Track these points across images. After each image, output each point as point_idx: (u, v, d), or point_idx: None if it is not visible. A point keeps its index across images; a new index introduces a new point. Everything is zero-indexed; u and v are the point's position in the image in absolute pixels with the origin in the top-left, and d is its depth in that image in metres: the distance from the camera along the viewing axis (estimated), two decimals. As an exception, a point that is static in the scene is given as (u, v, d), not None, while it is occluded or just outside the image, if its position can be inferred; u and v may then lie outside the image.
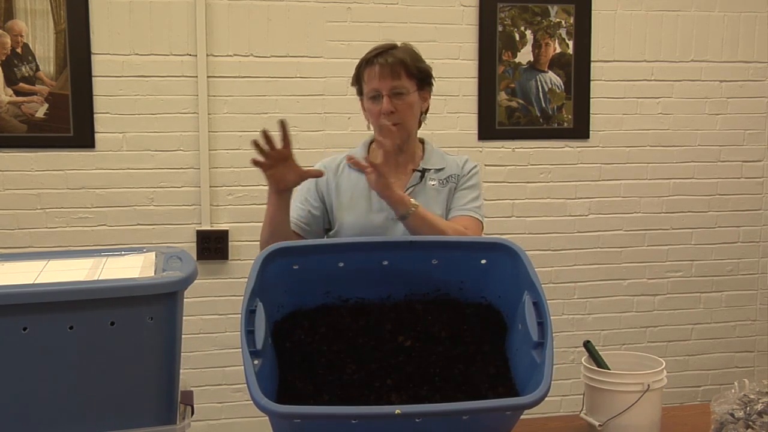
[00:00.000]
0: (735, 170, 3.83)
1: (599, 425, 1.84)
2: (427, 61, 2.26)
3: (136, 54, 3.28)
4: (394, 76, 2.14)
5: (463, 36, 3.53)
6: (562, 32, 3.60)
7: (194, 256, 3.30)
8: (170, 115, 3.33)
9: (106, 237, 3.32)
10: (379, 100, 2.15)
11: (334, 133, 3.44)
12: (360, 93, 2.24)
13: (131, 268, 1.43)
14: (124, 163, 3.33)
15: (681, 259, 3.83)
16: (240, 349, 1.40)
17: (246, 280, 1.52)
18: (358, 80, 2.22)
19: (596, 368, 1.89)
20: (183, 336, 1.40)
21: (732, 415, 1.70)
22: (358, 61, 2.23)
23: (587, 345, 1.95)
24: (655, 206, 3.77)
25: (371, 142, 2.31)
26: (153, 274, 1.37)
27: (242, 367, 1.36)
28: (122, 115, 3.30)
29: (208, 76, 3.32)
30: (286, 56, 3.40)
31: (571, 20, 3.60)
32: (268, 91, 3.40)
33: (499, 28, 3.54)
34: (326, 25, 3.41)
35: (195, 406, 1.50)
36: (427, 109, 2.29)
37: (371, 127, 2.24)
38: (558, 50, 3.60)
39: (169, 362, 1.35)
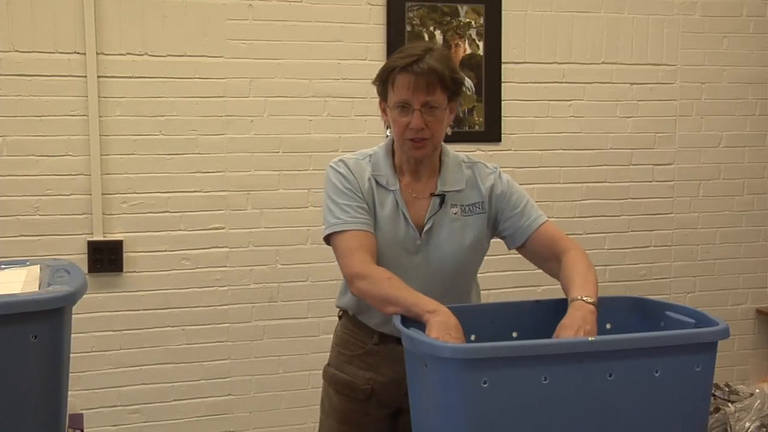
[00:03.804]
0: (646, 173, 3.83)
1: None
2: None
3: (17, 51, 3.09)
4: (429, 90, 1.95)
5: (371, 36, 3.43)
6: (472, 33, 3.53)
7: (85, 268, 3.17)
8: (57, 118, 3.17)
9: (-14, 250, 3.12)
10: (408, 111, 1.97)
11: (237, 136, 3.32)
12: (384, 96, 2.05)
13: (13, 282, 1.41)
14: (5, 170, 3.14)
15: (594, 264, 3.79)
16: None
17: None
18: (384, 83, 2.02)
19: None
20: (72, 355, 1.37)
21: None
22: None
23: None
24: (568, 210, 3.74)
25: (393, 143, 2.13)
26: (37, 289, 1.36)
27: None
28: (2, 117, 3.11)
29: (98, 76, 3.18)
30: (183, 55, 3.26)
31: (481, 21, 3.54)
32: (165, 93, 3.26)
33: (408, 28, 3.45)
34: (226, 23, 3.29)
35: (86, 430, 1.48)
36: (454, 119, 2.13)
37: (389, 133, 2.08)
38: (468, 51, 3.53)
39: (54, 384, 1.31)
